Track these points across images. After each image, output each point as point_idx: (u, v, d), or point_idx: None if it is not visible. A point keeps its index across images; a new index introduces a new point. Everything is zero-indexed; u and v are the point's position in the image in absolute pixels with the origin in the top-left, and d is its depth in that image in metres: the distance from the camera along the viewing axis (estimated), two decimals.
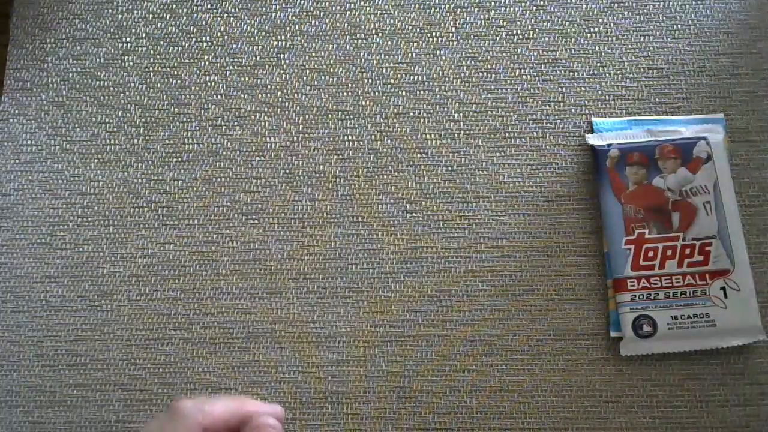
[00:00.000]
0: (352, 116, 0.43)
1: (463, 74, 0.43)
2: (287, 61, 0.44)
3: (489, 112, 0.42)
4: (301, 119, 0.43)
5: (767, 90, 0.42)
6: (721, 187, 0.38)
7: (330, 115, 0.43)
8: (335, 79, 0.44)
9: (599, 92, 0.42)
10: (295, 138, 0.43)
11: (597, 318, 0.39)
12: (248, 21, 0.45)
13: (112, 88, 0.44)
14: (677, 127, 0.40)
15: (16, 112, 0.44)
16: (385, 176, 0.42)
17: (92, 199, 0.43)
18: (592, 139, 0.40)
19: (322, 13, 0.45)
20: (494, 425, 0.38)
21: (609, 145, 0.40)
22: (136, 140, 0.43)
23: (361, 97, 0.43)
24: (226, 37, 0.45)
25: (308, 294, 0.41)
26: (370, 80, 0.43)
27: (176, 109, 0.44)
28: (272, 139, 0.43)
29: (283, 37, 0.44)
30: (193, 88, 0.44)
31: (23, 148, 0.44)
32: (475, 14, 0.44)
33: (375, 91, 0.43)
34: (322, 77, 0.44)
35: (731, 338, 0.37)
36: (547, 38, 0.43)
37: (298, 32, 0.44)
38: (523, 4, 0.44)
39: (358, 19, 0.44)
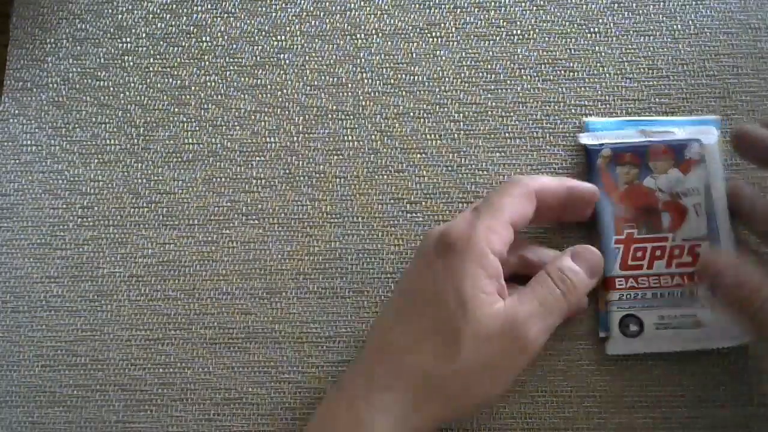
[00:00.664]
0: (352, 116, 0.43)
1: (463, 74, 0.43)
2: (287, 61, 0.44)
3: (489, 112, 0.42)
4: (301, 119, 0.43)
5: (767, 90, 0.42)
6: (712, 189, 0.38)
7: (330, 115, 0.43)
8: (335, 79, 0.44)
9: (599, 92, 0.42)
10: (295, 138, 0.43)
11: (597, 318, 0.39)
12: (248, 21, 0.45)
13: (112, 88, 0.44)
14: (671, 128, 0.40)
15: (16, 112, 0.44)
16: (385, 176, 0.42)
17: (92, 199, 0.43)
18: (585, 139, 0.40)
19: (322, 13, 0.45)
20: (494, 425, 0.38)
21: (601, 144, 0.39)
22: (136, 140, 0.43)
23: (361, 97, 0.43)
24: (226, 37, 0.45)
25: (308, 294, 0.41)
26: (370, 80, 0.43)
27: (176, 109, 0.44)
28: (272, 139, 0.43)
29: (283, 37, 0.44)
30: (193, 88, 0.44)
31: (23, 148, 0.44)
32: (475, 14, 0.44)
33: (375, 91, 0.43)
34: (322, 77, 0.44)
35: (719, 340, 0.37)
36: (547, 38, 0.43)
37: (298, 32, 0.44)
38: (523, 4, 0.44)
39: (358, 19, 0.44)
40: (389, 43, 0.44)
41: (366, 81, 0.43)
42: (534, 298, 0.33)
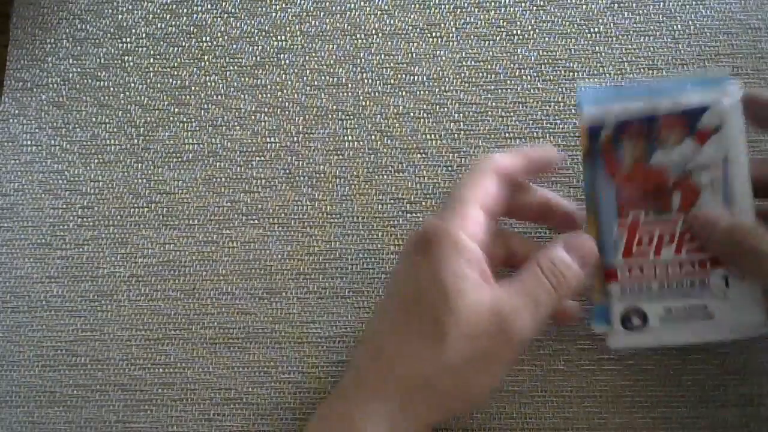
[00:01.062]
0: (352, 116, 0.43)
1: (463, 74, 0.43)
2: (287, 61, 0.44)
3: (489, 112, 0.43)
4: (301, 119, 0.43)
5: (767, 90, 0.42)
6: (730, 161, 0.33)
7: (330, 115, 0.43)
8: (335, 79, 0.44)
9: None
10: (295, 138, 0.43)
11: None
12: (248, 21, 0.45)
13: (112, 88, 0.44)
14: (681, 91, 0.35)
15: (16, 112, 0.44)
16: (385, 176, 0.42)
17: (92, 199, 0.43)
18: (587, 112, 0.35)
19: (322, 13, 0.45)
20: (494, 425, 0.38)
21: (605, 119, 0.35)
22: (136, 140, 0.43)
23: (361, 97, 0.43)
24: (226, 37, 0.45)
25: (308, 294, 0.41)
26: (370, 80, 0.43)
27: (176, 109, 0.44)
28: (272, 139, 0.43)
29: (283, 37, 0.44)
30: (193, 88, 0.44)
31: (23, 148, 0.44)
32: (475, 14, 0.44)
33: (375, 91, 0.43)
34: (322, 77, 0.44)
35: (731, 332, 0.34)
36: (547, 38, 0.43)
37: (298, 32, 0.44)
38: (523, 4, 0.44)
39: (358, 19, 0.44)
40: (389, 43, 0.44)
41: (366, 81, 0.43)
42: (522, 291, 0.32)
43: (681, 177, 0.34)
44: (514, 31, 0.44)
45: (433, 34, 0.44)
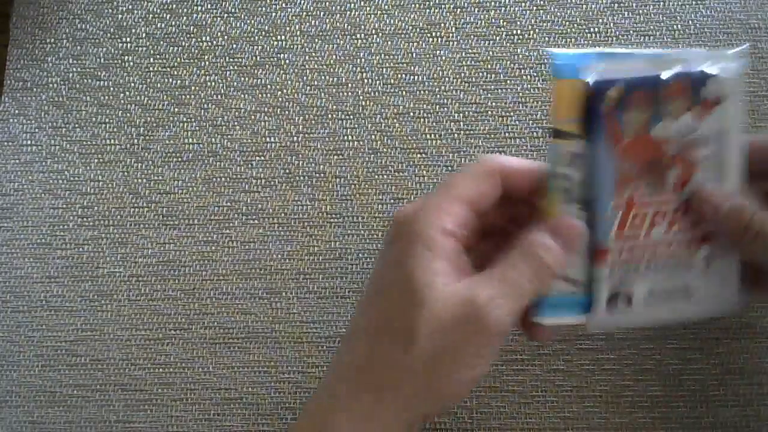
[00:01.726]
0: (352, 116, 0.43)
1: (463, 74, 0.43)
2: (287, 61, 0.44)
3: (489, 112, 0.43)
4: (301, 119, 0.43)
5: (767, 90, 0.42)
6: (729, 135, 0.31)
7: (330, 115, 0.43)
8: (335, 79, 0.44)
9: None
10: (295, 138, 0.43)
11: None
12: (248, 21, 0.45)
13: (112, 88, 0.44)
14: (684, 55, 0.32)
15: (16, 112, 0.44)
16: (385, 176, 0.42)
17: (92, 199, 0.43)
18: (587, 74, 0.31)
19: (322, 13, 0.45)
20: (494, 425, 0.38)
21: (608, 81, 0.31)
22: (136, 140, 0.43)
23: (361, 97, 0.43)
24: (226, 37, 0.45)
25: (308, 294, 0.41)
26: (370, 80, 0.43)
27: (176, 109, 0.44)
28: (272, 139, 0.43)
29: (283, 37, 0.44)
30: (193, 88, 0.44)
31: (23, 148, 0.44)
32: (475, 14, 0.44)
33: (375, 91, 0.43)
34: (322, 77, 0.44)
35: (707, 310, 0.33)
36: (547, 38, 0.43)
37: (298, 32, 0.44)
38: (523, 4, 0.44)
39: (358, 19, 0.44)
40: (389, 43, 0.44)
41: (366, 81, 0.43)
42: (500, 277, 0.30)
43: (679, 152, 0.31)
44: (514, 31, 0.44)
45: (433, 34, 0.44)
